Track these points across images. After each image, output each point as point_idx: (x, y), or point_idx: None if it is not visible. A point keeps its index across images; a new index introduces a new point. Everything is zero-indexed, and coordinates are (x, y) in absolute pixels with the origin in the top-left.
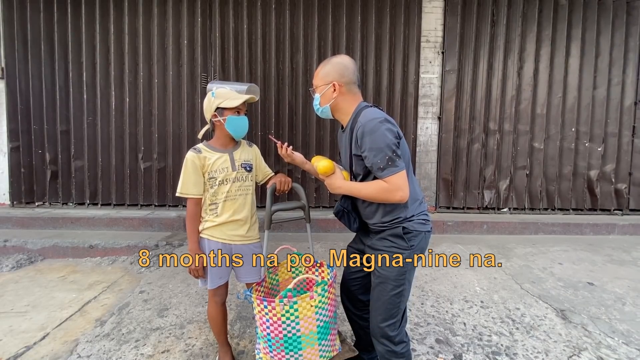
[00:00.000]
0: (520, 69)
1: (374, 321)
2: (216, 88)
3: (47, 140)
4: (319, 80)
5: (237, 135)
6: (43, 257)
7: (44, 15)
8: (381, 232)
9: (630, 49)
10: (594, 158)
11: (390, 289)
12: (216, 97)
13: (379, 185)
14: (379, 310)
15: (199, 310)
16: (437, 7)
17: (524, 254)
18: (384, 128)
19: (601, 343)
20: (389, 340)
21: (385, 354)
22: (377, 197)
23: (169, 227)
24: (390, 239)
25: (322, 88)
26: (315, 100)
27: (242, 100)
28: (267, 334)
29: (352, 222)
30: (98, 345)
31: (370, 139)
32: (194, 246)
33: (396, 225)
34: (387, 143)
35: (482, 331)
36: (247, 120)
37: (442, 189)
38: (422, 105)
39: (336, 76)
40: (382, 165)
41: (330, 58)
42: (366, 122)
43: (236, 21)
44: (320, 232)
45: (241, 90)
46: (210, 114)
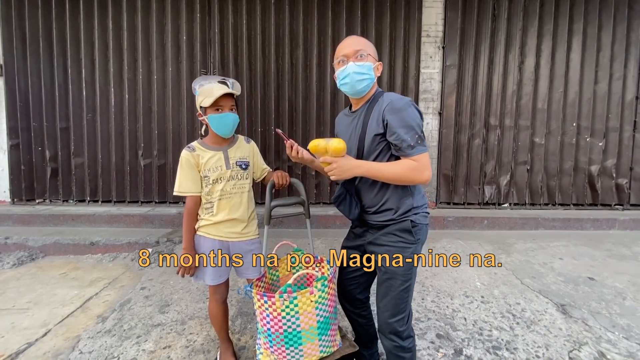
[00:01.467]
0: (521, 63)
1: (382, 317)
2: (198, 86)
3: (47, 138)
4: (372, 50)
5: (222, 133)
6: (44, 254)
7: (42, 12)
8: (386, 227)
9: (632, 43)
10: (595, 153)
11: (398, 285)
12: (199, 95)
13: (408, 164)
14: (387, 306)
15: (200, 306)
16: (437, 1)
17: (524, 249)
18: (414, 107)
19: (601, 337)
20: (397, 336)
21: (392, 349)
22: (404, 176)
23: (169, 223)
24: (398, 234)
25: (374, 60)
26: (368, 69)
27: (213, 98)
28: (267, 329)
29: (353, 208)
30: (100, 342)
31: (400, 116)
32: (188, 245)
33: (404, 218)
34: (417, 122)
35: (483, 326)
36: (233, 116)
37: (442, 185)
38: (423, 100)
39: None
40: (412, 143)
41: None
42: (396, 99)
43: (235, 17)
44: (321, 228)
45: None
46: (197, 112)
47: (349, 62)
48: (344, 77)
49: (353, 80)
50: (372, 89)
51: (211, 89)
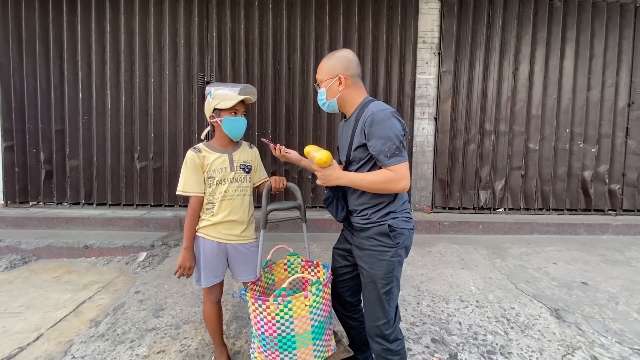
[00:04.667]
0: (515, 70)
1: (368, 321)
2: (214, 90)
3: (42, 140)
4: (324, 74)
5: (233, 136)
6: (37, 257)
7: (39, 14)
8: (366, 230)
9: (624, 51)
10: (588, 159)
11: (380, 287)
12: (214, 99)
13: (384, 174)
14: (371, 309)
15: (195, 311)
16: (433, 8)
17: (519, 254)
18: (394, 119)
19: (595, 342)
20: (384, 339)
21: (381, 352)
22: (381, 185)
23: (165, 227)
24: (377, 238)
25: (328, 82)
26: (321, 94)
27: (236, 101)
28: (261, 333)
29: (339, 211)
30: (92, 346)
31: (379, 127)
32: (189, 244)
33: (382, 222)
34: (395, 133)
35: (478, 330)
36: (245, 121)
37: (438, 189)
38: (419, 105)
39: (341, 69)
40: (389, 154)
41: (334, 52)
42: (377, 111)
43: (233, 21)
44: (317, 232)
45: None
46: (208, 115)
47: (321, 88)
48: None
49: (321, 105)
50: (356, 98)
51: (232, 94)
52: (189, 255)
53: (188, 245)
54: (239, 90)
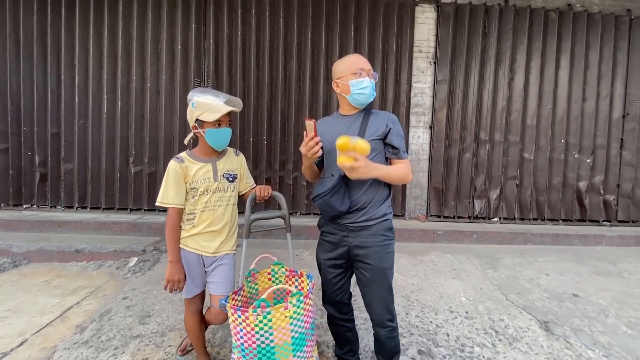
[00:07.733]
0: (510, 80)
1: (381, 312)
2: (196, 97)
3: (37, 143)
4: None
5: (217, 147)
6: (28, 260)
7: (37, 17)
8: (369, 228)
9: (619, 62)
10: (583, 169)
11: (389, 277)
12: (196, 108)
13: (403, 167)
14: (383, 298)
15: (181, 318)
16: (429, 18)
17: (512, 264)
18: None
19: (582, 355)
20: (391, 321)
21: (388, 334)
22: (400, 176)
23: (157, 232)
24: (384, 233)
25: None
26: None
27: (220, 114)
28: (241, 344)
29: (345, 200)
30: (75, 353)
31: (398, 126)
32: (175, 257)
33: (385, 218)
34: (403, 134)
35: (465, 342)
36: (230, 131)
37: (433, 198)
38: (414, 114)
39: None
40: (404, 149)
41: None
42: (390, 114)
43: (230, 28)
44: (310, 239)
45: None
46: (191, 124)
47: (366, 77)
48: (363, 87)
49: (369, 93)
50: None
51: (215, 105)
52: (175, 268)
53: (174, 259)
54: (225, 100)
